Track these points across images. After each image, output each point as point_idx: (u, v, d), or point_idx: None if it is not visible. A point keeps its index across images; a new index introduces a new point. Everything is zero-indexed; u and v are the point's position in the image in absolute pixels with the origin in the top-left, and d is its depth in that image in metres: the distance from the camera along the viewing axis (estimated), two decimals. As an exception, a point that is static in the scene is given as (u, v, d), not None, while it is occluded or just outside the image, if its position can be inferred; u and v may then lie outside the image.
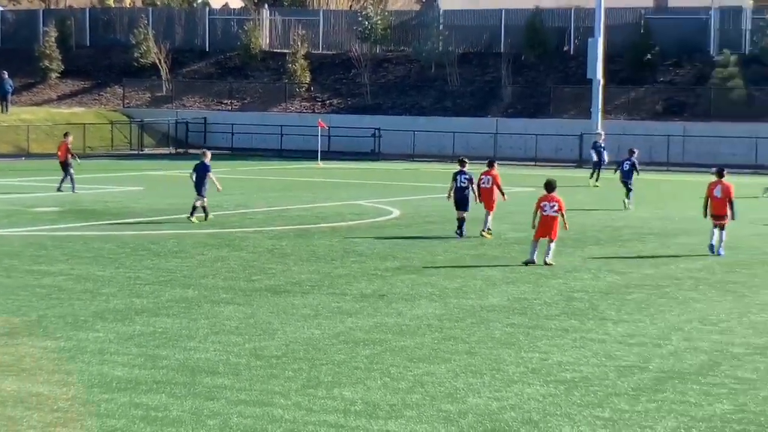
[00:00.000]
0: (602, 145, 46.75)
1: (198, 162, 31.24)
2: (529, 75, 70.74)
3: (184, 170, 52.02)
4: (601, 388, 13.13)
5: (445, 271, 22.23)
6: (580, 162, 61.03)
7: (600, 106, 61.12)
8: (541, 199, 23.60)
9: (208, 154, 32.08)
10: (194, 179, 30.53)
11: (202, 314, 17.41)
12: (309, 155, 61.03)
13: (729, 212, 25.09)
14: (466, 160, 29.18)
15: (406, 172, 54.71)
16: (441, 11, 74.87)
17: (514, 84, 69.47)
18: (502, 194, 28.45)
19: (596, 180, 44.98)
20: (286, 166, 55.91)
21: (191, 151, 67.99)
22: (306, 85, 73.31)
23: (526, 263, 23.18)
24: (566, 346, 15.42)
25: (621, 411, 12.21)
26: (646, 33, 68.17)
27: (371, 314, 17.56)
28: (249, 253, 24.50)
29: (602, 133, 49.38)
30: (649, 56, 67.62)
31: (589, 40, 61.65)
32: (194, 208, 30.40)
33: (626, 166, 37.54)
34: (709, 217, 25.36)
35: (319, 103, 72.62)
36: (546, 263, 23.15)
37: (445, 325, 16.82)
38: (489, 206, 28.20)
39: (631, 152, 38.56)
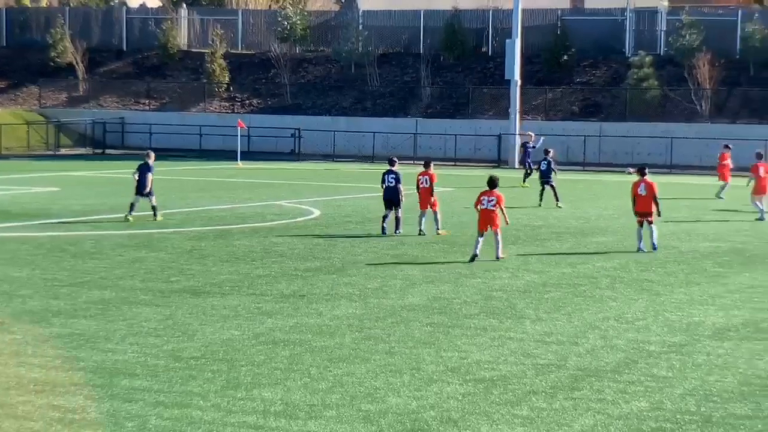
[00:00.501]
0: (532, 146, 46.93)
1: (142, 162, 31.39)
2: (448, 76, 71.07)
3: (102, 171, 51.61)
4: (519, 387, 13.24)
5: (366, 270, 22.27)
6: (498, 162, 61.46)
7: (518, 107, 61.59)
8: (481, 194, 24.65)
9: (152, 155, 32.22)
10: (137, 178, 30.81)
11: (120, 316, 17.28)
12: (229, 155, 60.78)
13: (655, 209, 25.76)
14: (396, 160, 29.71)
15: (327, 172, 54.69)
16: (360, 12, 74.96)
17: (433, 85, 69.78)
18: (431, 193, 28.78)
19: (524, 181, 45.05)
20: (205, 167, 55.61)
21: (109, 151, 67.48)
22: (225, 85, 73.01)
23: (472, 258, 23.66)
24: (485, 344, 15.52)
25: (539, 409, 12.32)
26: (562, 34, 68.83)
27: (291, 315, 17.54)
28: (168, 254, 24.34)
29: (531, 134, 49.32)
30: (565, 57, 68.29)
31: (507, 41, 62.10)
32: (131, 206, 30.57)
33: (543, 166, 38.01)
34: (634, 214, 26.09)
35: (239, 103, 72.39)
36: (498, 258, 23.95)
37: (365, 324, 16.85)
38: (427, 206, 28.53)
39: (547, 152, 39.08)
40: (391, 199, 28.56)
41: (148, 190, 30.65)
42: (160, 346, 15.18)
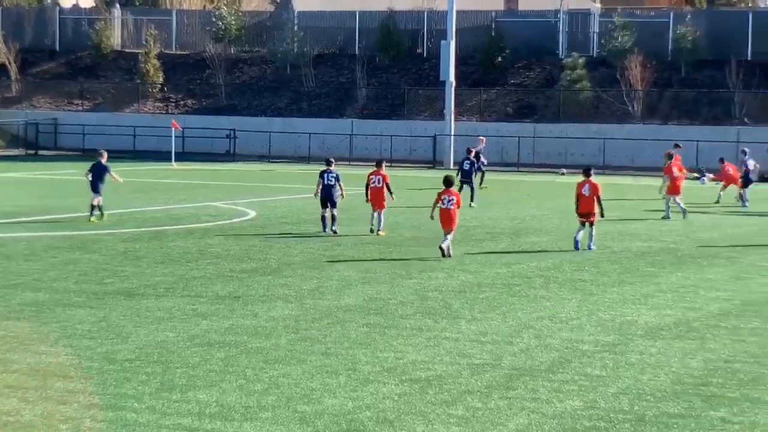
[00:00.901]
0: (481, 149, 46.43)
1: (94, 162, 31.63)
2: (384, 77, 71.19)
3: (35, 172, 51.10)
4: (455, 386, 13.30)
5: (302, 272, 22.25)
6: (434, 163, 61.65)
7: (452, 108, 61.82)
8: (440, 194, 25.03)
9: (105, 154, 32.29)
10: (90, 179, 31.04)
11: (54, 318, 17.13)
12: (163, 156, 60.41)
13: (597, 209, 26.22)
14: (333, 160, 30.13)
15: (262, 173, 54.56)
16: (296, 12, 74.83)
17: (368, 85, 69.85)
18: (391, 194, 29.07)
19: (480, 183, 44.40)
20: (139, 168, 55.22)
21: (42, 152, 66.83)
22: (159, 86, 72.59)
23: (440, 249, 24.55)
24: (421, 345, 15.58)
25: (474, 408, 12.38)
26: (497, 36, 69.19)
27: (227, 316, 17.49)
28: (101, 255, 24.17)
29: (483, 138, 48.48)
30: (500, 59, 68.64)
31: (442, 42, 62.32)
32: (92, 207, 30.61)
33: (466, 166, 38.33)
34: (577, 215, 26.58)
35: (173, 104, 72.03)
36: (440, 247, 24.55)
37: (301, 326, 16.84)
38: (380, 205, 28.71)
39: (469, 151, 39.53)
40: (329, 197, 28.75)
41: (102, 188, 30.99)
42: (94, 348, 15.07)
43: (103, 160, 31.56)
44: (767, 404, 12.64)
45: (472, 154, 39.27)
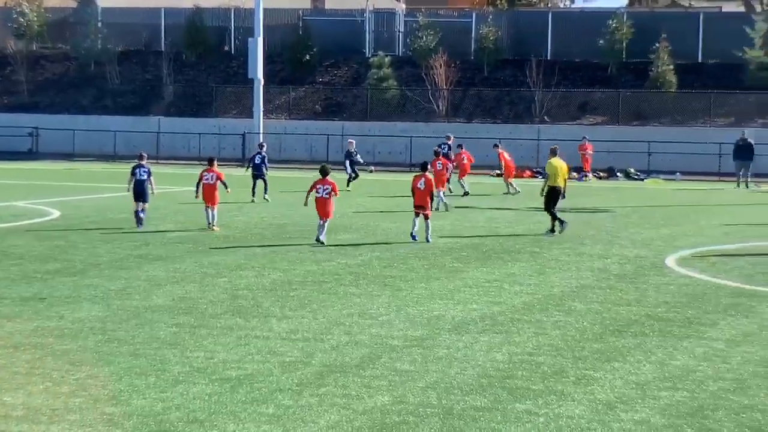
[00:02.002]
0: (353, 150, 46.20)
1: None
2: (191, 74, 70.60)
3: None
4: (266, 385, 13.31)
5: (108, 272, 21.91)
6: (243, 160, 61.40)
7: (261, 106, 61.71)
8: (315, 183, 26.81)
9: None
10: None
11: None
12: (-39, 155, 58.65)
13: (430, 203, 27.74)
14: (145, 155, 30.96)
15: (66, 172, 53.44)
16: (99, 9, 73.52)
17: (175, 83, 69.14)
18: (226, 187, 30.22)
19: (347, 184, 43.96)
20: (-64, 167, 53.45)
21: None
22: (-43, 82, 70.49)
23: (316, 240, 26.36)
24: (231, 344, 15.52)
25: (285, 406, 12.42)
26: (304, 34, 69.37)
27: (31, 318, 17.11)
28: None
29: (352, 141, 47.80)
30: (308, 57, 68.83)
31: (249, 40, 62.10)
32: None
33: (258, 160, 38.91)
34: (414, 207, 27.75)
35: (-28, 101, 69.99)
36: (318, 240, 26.38)
37: (108, 327, 16.59)
38: (212, 201, 29.53)
39: (261, 146, 40.20)
40: (142, 192, 29.43)
41: None
42: None
43: None
44: (570, 396, 13.02)
45: (264, 149, 40.36)
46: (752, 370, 14.40)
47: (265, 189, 38.43)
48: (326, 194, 26.60)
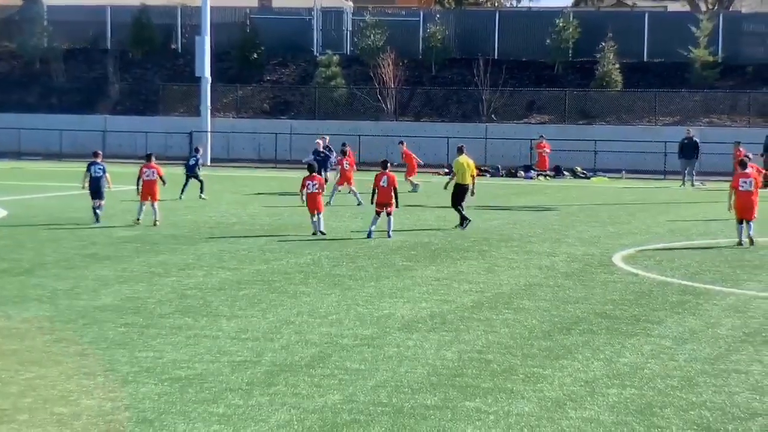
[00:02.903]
0: (326, 148, 45.01)
1: None
2: (137, 72, 70.24)
3: None
4: (216, 384, 13.28)
5: (56, 271, 21.75)
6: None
7: (209, 104, 61.51)
8: (305, 179, 28.76)
9: None
10: None
11: None
12: None
13: (394, 200, 28.24)
14: (100, 152, 31.98)
15: (12, 170, 52.97)
16: (45, 6, 72.95)
17: (122, 81, 68.77)
18: (164, 183, 31.14)
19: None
20: None
21: None
22: None
23: (314, 233, 28.06)
24: (180, 343, 15.47)
25: (235, 406, 12.39)
26: (252, 32, 69.24)
27: (-23, 319, 16.97)
28: None
29: (326, 137, 46.34)
30: (255, 55, 68.70)
31: (197, 38, 61.91)
32: None
33: (192, 161, 39.69)
34: (375, 205, 28.33)
35: None
36: (321, 232, 28.09)
37: (56, 327, 16.48)
38: (154, 197, 30.33)
39: (197, 150, 40.79)
40: (98, 189, 30.42)
41: None
42: None
43: None
44: (519, 394, 13.09)
45: (200, 153, 41.08)
46: (699, 368, 14.55)
47: (201, 188, 38.80)
48: (315, 189, 28.43)
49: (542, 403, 12.73)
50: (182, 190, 38.59)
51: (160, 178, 30.68)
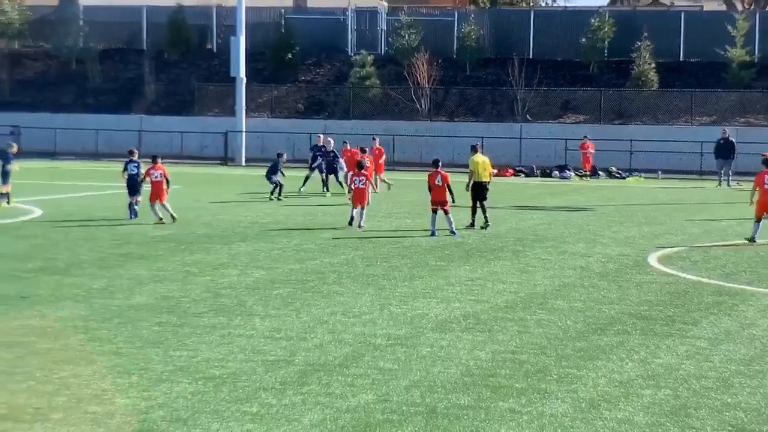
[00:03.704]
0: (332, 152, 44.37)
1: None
2: (173, 72, 70.49)
3: None
4: (249, 383, 13.29)
5: (91, 270, 21.85)
6: (225, 160, 61.32)
7: (244, 104, 61.66)
8: (354, 175, 30.78)
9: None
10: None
11: None
12: (-58, 153, 58.31)
13: (449, 197, 28.50)
14: (136, 150, 32.94)
15: (48, 170, 53.27)
16: (81, 7, 73.35)
17: (157, 81, 69.02)
18: (168, 185, 30.86)
19: (303, 184, 42.39)
20: None
21: None
22: (-62, 81, 70.19)
23: (350, 223, 29.48)
24: (214, 342, 15.50)
25: (268, 405, 12.40)
26: (287, 32, 69.34)
27: (13, 317, 17.04)
28: None
29: (331, 141, 44.33)
30: (290, 55, 68.79)
31: (232, 38, 62.07)
32: None
33: (274, 166, 39.08)
34: (431, 204, 28.64)
35: (-47, 100, 69.72)
36: (359, 227, 29.14)
37: (90, 326, 16.54)
38: (162, 197, 30.41)
39: (280, 155, 39.94)
40: (135, 186, 31.21)
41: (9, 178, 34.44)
42: None
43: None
44: (553, 394, 13.04)
45: (326, 143, 42.05)
46: (735, 369, 14.45)
47: (280, 192, 38.58)
48: (362, 184, 29.86)
49: (576, 403, 12.67)
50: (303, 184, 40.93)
51: (166, 180, 30.65)
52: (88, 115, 66.73)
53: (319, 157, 42.78)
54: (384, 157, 44.81)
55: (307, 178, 42.60)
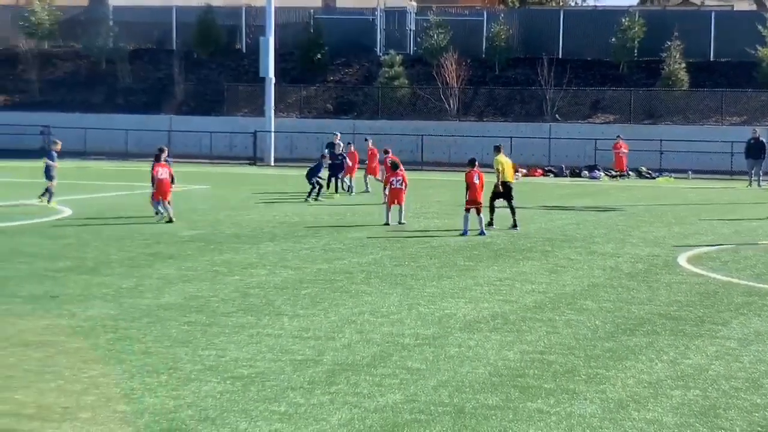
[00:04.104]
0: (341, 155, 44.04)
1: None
2: (202, 72, 70.68)
3: None
4: (277, 383, 13.30)
5: (120, 270, 21.92)
6: (254, 159, 61.43)
7: (273, 104, 61.76)
8: (389, 176, 31.65)
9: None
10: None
11: None
12: (-27, 154, 58.73)
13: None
14: (165, 148, 33.08)
15: (78, 170, 53.48)
16: (111, 7, 73.66)
17: (187, 81, 69.21)
18: (173, 182, 31.36)
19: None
20: (-52, 165, 53.56)
21: None
22: (-32, 82, 70.65)
23: (386, 224, 30.27)
24: (243, 342, 15.52)
25: (297, 405, 12.41)
26: (315, 32, 69.42)
27: (43, 316, 17.12)
28: None
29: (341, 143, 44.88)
30: (319, 55, 68.87)
31: (261, 38, 62.17)
32: None
33: (318, 166, 39.38)
34: (468, 202, 28.80)
35: (-16, 100, 70.17)
36: (400, 223, 30.36)
37: (120, 325, 16.60)
38: (165, 195, 30.70)
39: (323, 156, 39.88)
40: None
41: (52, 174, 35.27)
42: None
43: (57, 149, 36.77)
44: (582, 395, 13.00)
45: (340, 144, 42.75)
46: (764, 369, 14.36)
47: (319, 192, 38.86)
48: (399, 185, 30.68)
49: (605, 404, 12.62)
50: (335, 189, 41.02)
51: (171, 177, 31.06)
52: (117, 115, 67.00)
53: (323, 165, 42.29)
54: (377, 158, 44.09)
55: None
